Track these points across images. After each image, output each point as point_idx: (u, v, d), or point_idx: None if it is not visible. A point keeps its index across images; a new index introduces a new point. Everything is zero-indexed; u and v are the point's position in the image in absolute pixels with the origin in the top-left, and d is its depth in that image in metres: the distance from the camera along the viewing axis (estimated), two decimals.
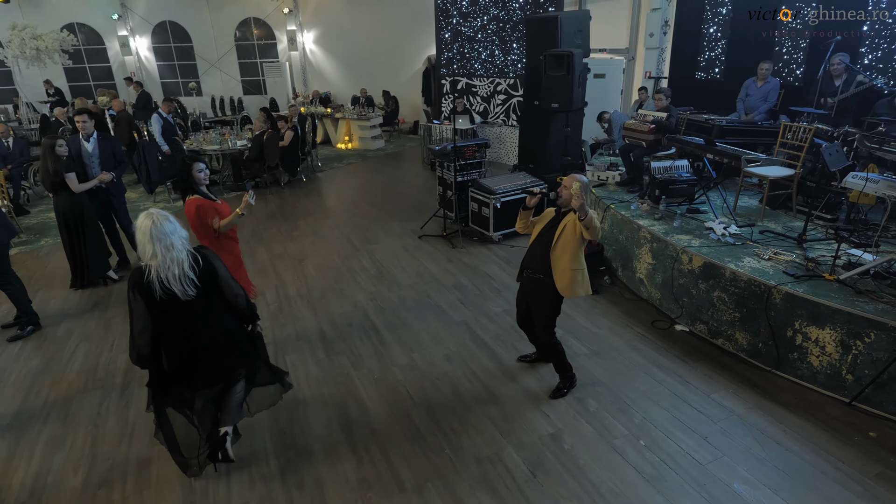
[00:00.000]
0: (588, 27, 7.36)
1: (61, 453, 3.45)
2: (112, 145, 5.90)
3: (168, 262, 2.66)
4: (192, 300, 2.77)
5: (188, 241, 2.81)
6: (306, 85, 17.09)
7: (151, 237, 2.63)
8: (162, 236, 2.64)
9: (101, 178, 5.66)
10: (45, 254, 6.85)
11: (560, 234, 3.45)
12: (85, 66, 15.40)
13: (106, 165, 5.78)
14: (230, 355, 3.02)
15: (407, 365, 4.28)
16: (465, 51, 11.16)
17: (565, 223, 3.45)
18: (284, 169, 9.68)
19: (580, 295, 3.54)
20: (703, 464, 3.21)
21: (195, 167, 3.64)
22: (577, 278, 3.50)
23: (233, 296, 2.95)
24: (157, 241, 2.63)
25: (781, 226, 5.10)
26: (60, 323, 5.08)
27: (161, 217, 2.68)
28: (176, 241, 2.68)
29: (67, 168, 5.30)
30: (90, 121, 5.72)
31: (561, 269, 3.48)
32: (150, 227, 2.64)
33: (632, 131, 6.24)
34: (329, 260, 6.39)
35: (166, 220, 2.70)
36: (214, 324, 2.93)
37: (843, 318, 3.60)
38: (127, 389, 4.06)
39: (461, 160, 7.01)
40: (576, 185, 3.24)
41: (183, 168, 3.66)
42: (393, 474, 3.20)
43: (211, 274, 2.84)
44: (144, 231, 2.64)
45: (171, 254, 2.66)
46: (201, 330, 2.90)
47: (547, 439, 3.45)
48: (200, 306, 2.83)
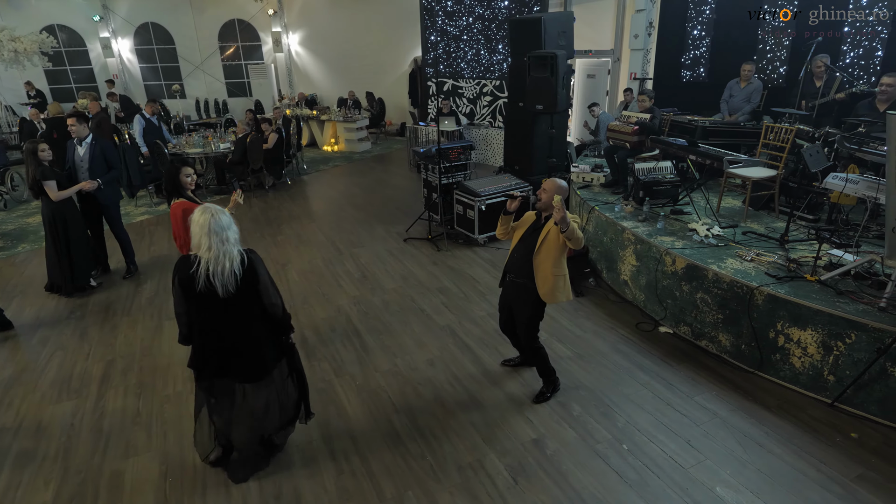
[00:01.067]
0: (572, 28, 7.35)
1: (32, 466, 3.35)
2: (105, 150, 5.70)
3: (221, 255, 2.68)
4: (228, 298, 2.75)
5: (239, 239, 2.80)
6: (292, 87, 16.97)
7: (209, 230, 2.65)
8: (219, 230, 2.67)
9: (83, 185, 5.50)
10: (22, 260, 6.71)
11: (543, 239, 3.41)
12: (66, 68, 15.17)
13: (97, 170, 5.61)
14: (254, 362, 2.97)
15: (389, 370, 4.23)
16: (450, 49, 11.12)
17: (549, 228, 3.41)
18: (269, 172, 9.59)
19: (561, 300, 3.51)
20: (685, 468, 3.19)
21: (183, 171, 3.70)
22: (559, 284, 3.47)
23: (270, 304, 2.91)
24: (214, 235, 2.66)
25: (764, 226, 5.12)
26: (35, 331, 4.96)
27: (218, 211, 2.72)
28: (231, 235, 2.72)
29: (45, 175, 5.19)
30: (82, 124, 5.57)
31: (543, 274, 3.45)
32: (210, 220, 2.66)
33: (616, 133, 6.24)
34: (313, 264, 6.32)
35: (223, 213, 2.73)
36: (244, 326, 2.90)
37: (824, 319, 3.60)
38: (102, 399, 3.97)
39: (446, 162, 6.97)
40: (557, 198, 3.18)
41: (171, 171, 3.70)
42: (373, 483, 3.15)
43: (252, 277, 2.81)
44: (203, 224, 2.66)
45: (224, 247, 2.68)
46: (230, 329, 2.88)
47: (529, 445, 3.41)
48: (235, 306, 2.81)
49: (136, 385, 4.12)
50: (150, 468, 3.31)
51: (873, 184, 3.99)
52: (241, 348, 2.92)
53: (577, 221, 3.33)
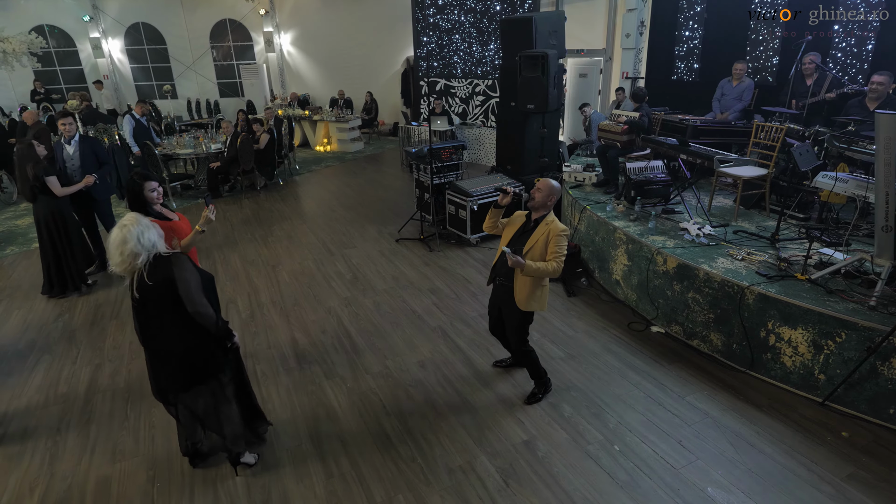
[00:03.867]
0: (563, 28, 7.34)
1: (17, 472, 3.30)
2: (94, 147, 5.80)
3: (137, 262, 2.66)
4: (146, 303, 2.72)
5: (160, 242, 2.76)
6: (284, 87, 16.90)
7: (122, 240, 2.64)
8: (130, 237, 2.64)
9: (86, 181, 5.58)
10: (10, 263, 6.63)
11: (530, 248, 3.38)
12: (56, 68, 15.05)
13: (88, 167, 5.67)
14: (184, 369, 2.91)
15: (380, 372, 4.20)
16: (443, 42, 11.08)
17: (537, 238, 3.37)
18: (261, 173, 9.53)
19: (534, 310, 3.51)
20: (676, 468, 3.18)
21: (147, 186, 3.33)
22: (535, 293, 3.45)
23: (194, 311, 2.79)
24: (125, 243, 2.63)
25: (755, 225, 5.12)
26: (22, 334, 4.91)
27: (132, 218, 2.70)
28: (146, 241, 2.67)
29: (47, 172, 5.21)
30: (74, 123, 5.67)
31: (522, 280, 3.42)
32: (119, 234, 2.65)
33: (606, 132, 6.24)
34: (304, 265, 6.28)
35: (136, 222, 2.69)
36: (169, 333, 2.83)
37: (814, 318, 3.60)
38: (89, 404, 3.92)
39: (438, 162, 6.95)
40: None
41: (133, 188, 3.33)
42: (363, 487, 3.12)
43: (168, 283, 2.72)
44: (115, 236, 2.67)
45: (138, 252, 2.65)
46: (155, 334, 2.84)
47: (521, 447, 3.39)
48: (155, 312, 2.77)
49: (124, 389, 4.08)
50: (138, 473, 3.27)
51: (863, 183, 4.00)
52: (168, 356, 2.88)
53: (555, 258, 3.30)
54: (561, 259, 3.31)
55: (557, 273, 3.31)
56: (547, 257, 3.32)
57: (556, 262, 3.29)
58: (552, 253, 3.30)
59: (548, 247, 3.32)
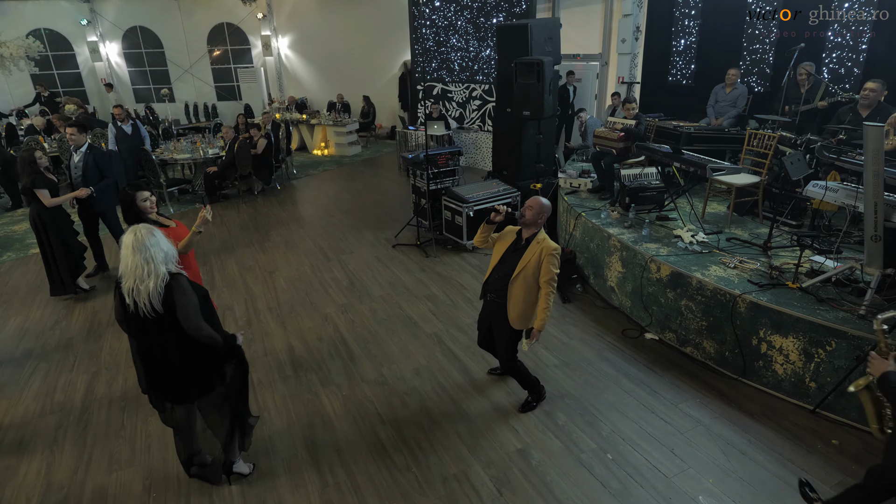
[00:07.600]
0: (559, 35, 7.37)
1: (13, 483, 3.32)
2: (98, 159, 5.75)
3: (145, 274, 2.64)
4: (153, 319, 2.71)
5: (173, 258, 2.76)
6: (282, 90, 16.91)
7: (133, 249, 2.64)
8: (142, 248, 2.64)
9: (76, 194, 5.62)
10: (8, 269, 6.65)
11: (522, 268, 3.40)
12: (53, 72, 15.04)
13: (90, 179, 5.70)
14: (187, 383, 2.93)
15: (376, 380, 4.23)
16: (440, 39, 11.10)
17: (529, 257, 3.39)
18: (258, 177, 9.55)
19: (526, 328, 3.55)
20: (668, 477, 3.21)
21: (139, 196, 3.35)
22: (528, 313, 3.50)
23: (190, 329, 2.78)
24: (138, 253, 2.63)
25: (748, 232, 5.16)
26: (19, 342, 4.93)
27: (145, 230, 2.69)
28: (156, 253, 2.67)
29: (35, 184, 5.29)
30: (80, 133, 5.68)
31: (515, 299, 3.46)
32: (132, 240, 2.65)
33: (602, 139, 6.27)
34: (300, 271, 6.30)
35: (150, 233, 2.70)
36: (170, 349, 2.83)
37: (804, 326, 3.64)
38: (86, 412, 3.94)
39: (434, 168, 6.98)
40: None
41: (125, 199, 3.35)
42: (358, 496, 3.15)
43: (168, 303, 2.72)
44: (127, 244, 2.66)
45: (149, 266, 2.64)
46: (156, 350, 2.84)
47: (515, 455, 3.42)
48: (160, 328, 2.77)
49: (121, 398, 4.10)
50: (134, 482, 3.29)
51: (852, 192, 4.03)
52: (165, 371, 2.88)
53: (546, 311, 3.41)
54: (554, 282, 3.38)
55: (553, 293, 3.39)
56: (541, 279, 3.37)
57: (550, 287, 3.37)
58: (546, 273, 3.35)
59: (541, 266, 3.35)
